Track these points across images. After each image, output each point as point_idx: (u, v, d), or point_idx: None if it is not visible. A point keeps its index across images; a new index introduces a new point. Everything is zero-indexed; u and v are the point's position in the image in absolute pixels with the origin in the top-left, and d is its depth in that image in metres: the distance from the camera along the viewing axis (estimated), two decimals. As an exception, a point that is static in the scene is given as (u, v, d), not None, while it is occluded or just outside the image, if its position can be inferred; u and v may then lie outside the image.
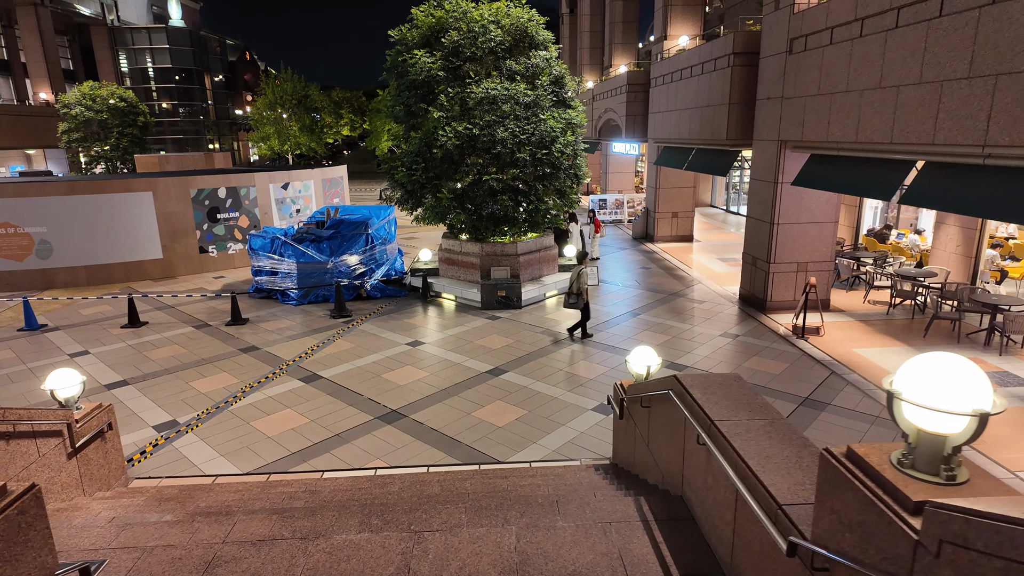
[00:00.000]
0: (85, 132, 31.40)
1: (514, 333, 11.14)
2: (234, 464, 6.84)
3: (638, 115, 21.29)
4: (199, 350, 10.58)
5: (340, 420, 7.83)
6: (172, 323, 12.20)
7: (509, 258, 12.99)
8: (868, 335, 10.71)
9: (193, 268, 16.56)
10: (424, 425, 7.65)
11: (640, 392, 5.37)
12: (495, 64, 12.26)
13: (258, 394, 8.69)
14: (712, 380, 4.32)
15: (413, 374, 9.30)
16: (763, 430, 3.58)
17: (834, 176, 9.98)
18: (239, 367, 9.75)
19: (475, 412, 7.97)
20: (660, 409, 4.78)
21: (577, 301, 10.35)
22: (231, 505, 4.93)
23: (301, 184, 18.67)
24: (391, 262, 14.67)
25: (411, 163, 12.28)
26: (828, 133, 9.65)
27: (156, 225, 15.80)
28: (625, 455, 6.10)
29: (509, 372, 9.31)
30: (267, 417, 7.96)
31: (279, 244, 13.69)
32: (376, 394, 8.59)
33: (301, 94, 45.17)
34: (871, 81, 8.53)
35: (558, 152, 12.09)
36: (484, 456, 6.89)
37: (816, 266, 12.13)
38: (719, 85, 13.49)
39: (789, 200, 11.70)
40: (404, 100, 12.38)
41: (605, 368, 9.40)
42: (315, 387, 8.90)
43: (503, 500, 4.43)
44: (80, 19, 45.68)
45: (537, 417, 7.80)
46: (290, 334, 11.35)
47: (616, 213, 24.22)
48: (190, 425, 7.79)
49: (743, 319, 11.84)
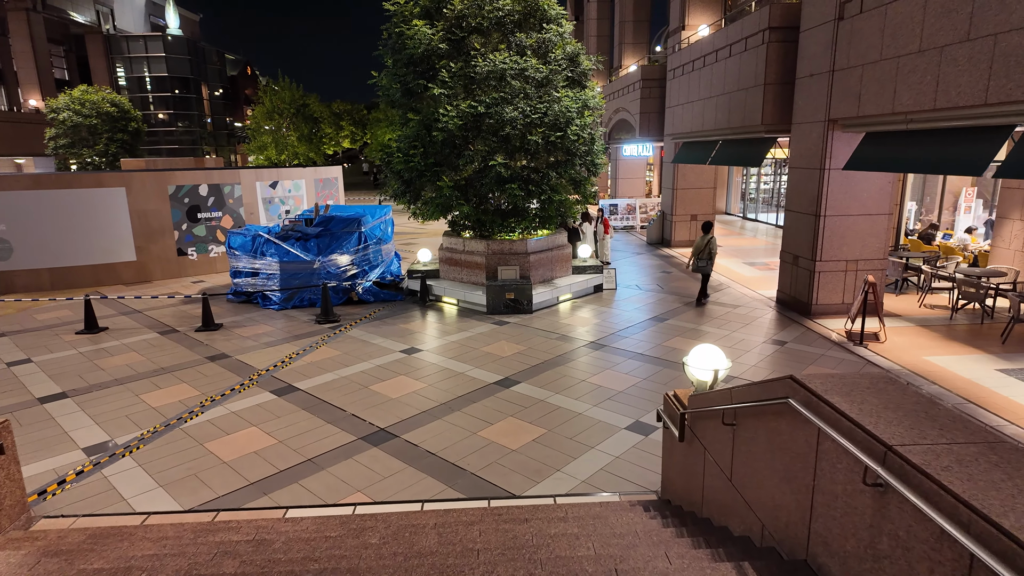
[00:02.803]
0: (73, 138, 30.16)
1: (525, 339, 9.65)
2: (174, 498, 5.32)
3: (653, 112, 19.98)
4: (159, 358, 9.09)
5: (315, 441, 6.32)
6: (135, 329, 10.73)
7: (518, 257, 11.54)
8: (936, 342, 9.21)
9: (170, 271, 15.11)
10: (419, 448, 6.13)
11: (714, 404, 3.88)
12: (503, 38, 10.93)
13: (219, 409, 7.19)
14: (853, 382, 2.84)
15: (407, 385, 7.80)
16: (984, 460, 2.10)
17: (901, 154, 8.56)
18: (202, 377, 8.26)
19: (482, 431, 6.46)
20: (758, 427, 3.29)
21: (707, 265, 11.34)
22: (136, 566, 3.41)
23: (291, 183, 17.30)
24: (387, 264, 13.22)
25: (408, 148, 10.87)
26: (895, 103, 8.24)
27: (130, 224, 14.39)
28: (685, 489, 4.58)
29: (522, 383, 7.80)
30: (226, 437, 6.45)
31: (261, 242, 12.26)
32: (362, 409, 7.09)
33: (300, 103, 44.05)
34: (956, 34, 7.14)
35: (574, 135, 10.69)
36: (495, 488, 5.37)
37: (868, 265, 10.66)
38: (752, 65, 12.14)
39: (838, 189, 10.27)
40: (401, 77, 11.00)
41: (636, 379, 7.89)
42: (289, 401, 7.39)
43: (532, 567, 2.92)
44: (76, 29, 44.89)
45: (559, 438, 6.29)
46: (267, 340, 9.87)
47: (628, 219, 22.83)
48: (129, 447, 6.28)
49: (786, 324, 10.35)
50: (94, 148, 30.34)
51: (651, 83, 19.77)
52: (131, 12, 48.21)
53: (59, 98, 30.58)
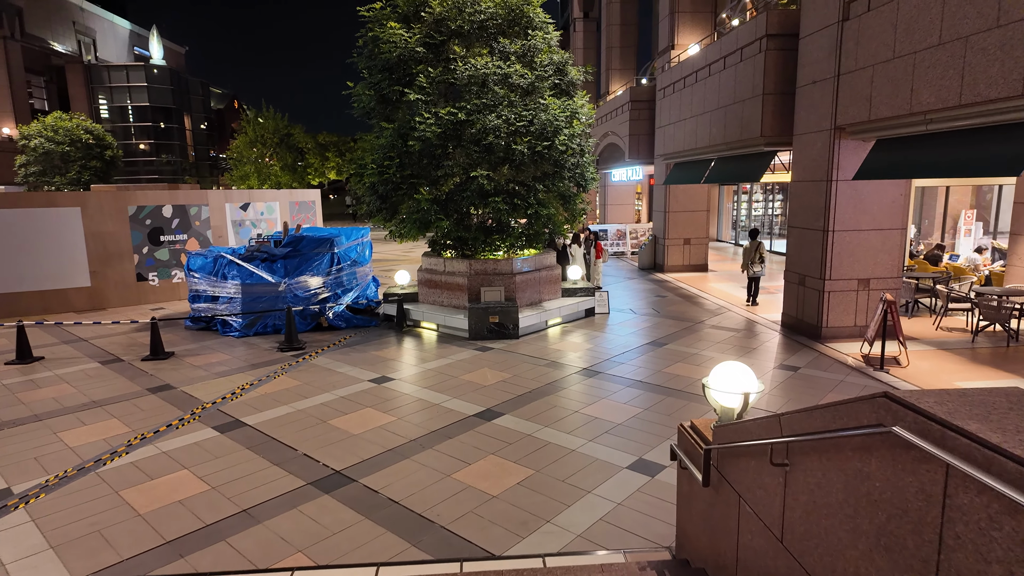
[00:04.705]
0: (45, 165, 29.12)
1: (511, 366, 8.65)
2: (65, 564, 4.21)
3: (642, 134, 19.42)
4: (93, 391, 7.96)
5: (255, 487, 5.24)
6: (74, 358, 9.59)
7: (503, 277, 10.61)
8: (963, 366, 8.35)
9: (128, 298, 13.99)
10: (379, 495, 5.07)
11: (754, 437, 2.91)
12: (486, 43, 10.22)
13: (148, 448, 6.09)
14: (983, 400, 1.91)
15: (373, 419, 6.74)
16: None
17: (920, 159, 7.82)
18: (137, 412, 7.15)
19: (457, 473, 5.41)
20: (829, 468, 2.32)
21: (761, 269, 12.29)
22: None
23: (264, 205, 16.37)
24: (362, 288, 12.22)
25: (383, 160, 10.01)
26: (912, 103, 7.54)
27: (84, 247, 13.32)
28: (711, 549, 3.57)
29: (506, 415, 6.78)
30: (148, 483, 5.35)
31: (223, 264, 11.24)
32: (316, 448, 6.02)
33: (284, 132, 43.42)
34: (983, 21, 6.47)
35: (562, 145, 9.89)
36: (469, 546, 4.31)
37: (881, 284, 9.86)
38: (748, 76, 11.53)
39: (846, 201, 9.53)
40: (375, 84, 10.21)
41: (636, 408, 6.90)
42: (232, 438, 6.31)
43: None
44: (57, 60, 44.29)
45: (549, 480, 5.26)
46: (220, 370, 8.78)
47: (618, 244, 22.09)
48: (27, 497, 5.16)
49: (796, 348, 9.46)
50: (65, 176, 29.29)
51: (640, 104, 19.26)
52: (114, 43, 47.77)
53: (31, 125, 29.65)
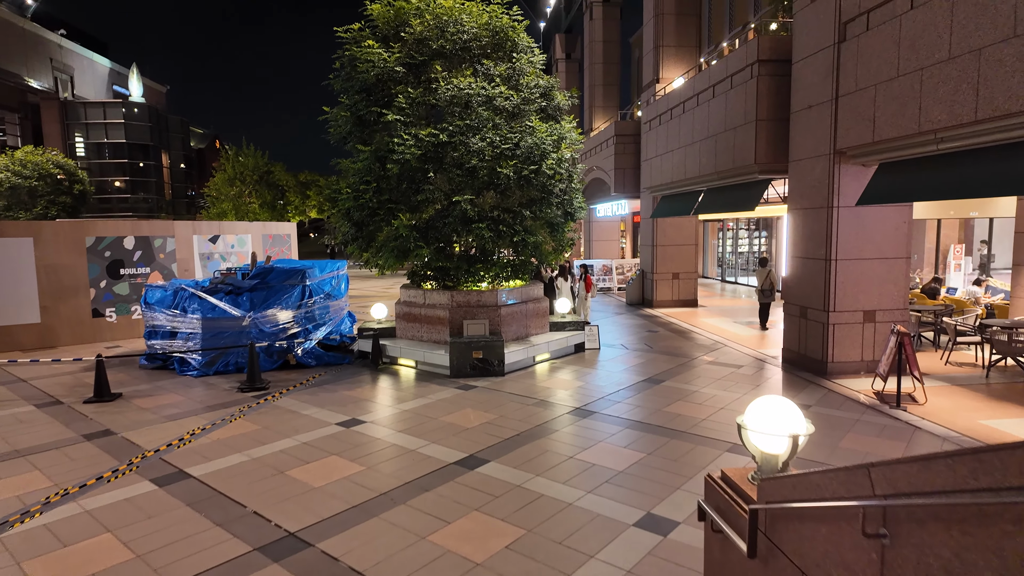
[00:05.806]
0: (10, 200, 28.09)
1: (496, 406, 7.84)
2: (-73, 665, 3.28)
3: (628, 168, 19.12)
4: (19, 438, 6.98)
5: (190, 554, 4.34)
6: (7, 401, 8.58)
7: (487, 310, 9.88)
8: (983, 403, 7.74)
9: (82, 336, 12.96)
10: (339, 563, 4.19)
11: (829, 496, 2.18)
12: (469, 65, 9.75)
13: (70, 506, 5.14)
14: None
15: (338, 469, 5.87)
16: None
17: (929, 181, 7.37)
18: (66, 462, 6.19)
19: (434, 534, 4.56)
20: (962, 545, 1.60)
21: (772, 295, 12.78)
22: None
23: (235, 238, 15.57)
24: (336, 323, 11.39)
25: (359, 184, 9.35)
26: (921, 121, 7.12)
27: (35, 280, 12.36)
28: (759, 640, 2.79)
29: (491, 462, 5.96)
30: (59, 551, 4.42)
31: (184, 297, 10.38)
32: (269, 504, 5.13)
33: (264, 170, 42.81)
34: (999, 32, 6.09)
35: (549, 170, 9.34)
36: (449, 632, 3.47)
37: (888, 316, 9.31)
38: (740, 103, 11.20)
39: (848, 229, 9.05)
40: (352, 106, 9.63)
41: (638, 453, 6.13)
42: (172, 493, 5.39)
43: None
44: (33, 97, 43.60)
45: (542, 542, 4.44)
46: (170, 413, 7.84)
47: (604, 280, 21.55)
48: (-96, 572, 4.20)
49: (802, 385, 8.80)
50: (31, 211, 28.26)
51: (625, 138, 19.03)
52: (93, 80, 47.22)
53: (-1, 159, 28.75)
